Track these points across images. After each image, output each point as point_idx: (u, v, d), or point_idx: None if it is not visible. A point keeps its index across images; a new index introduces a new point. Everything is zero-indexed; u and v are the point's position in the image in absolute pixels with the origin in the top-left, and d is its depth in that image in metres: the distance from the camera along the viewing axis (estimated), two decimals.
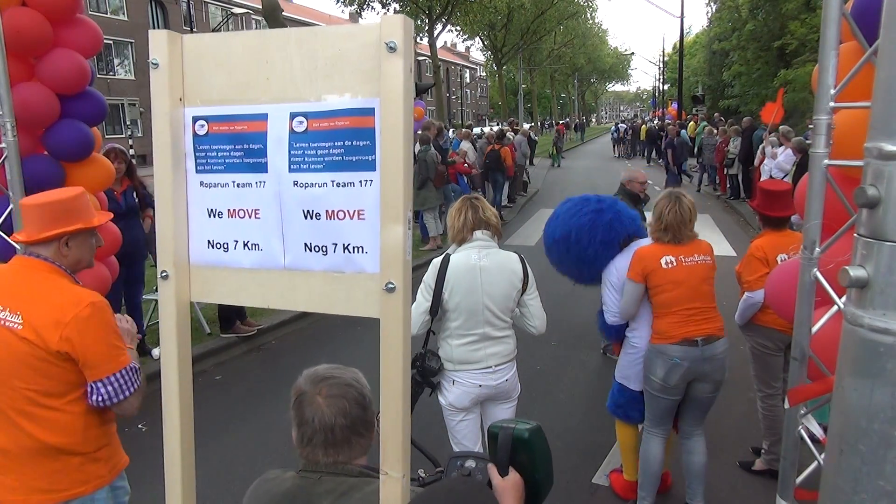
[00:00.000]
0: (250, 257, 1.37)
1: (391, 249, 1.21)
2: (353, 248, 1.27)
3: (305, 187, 1.28)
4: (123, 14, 34.78)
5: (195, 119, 1.37)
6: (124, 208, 4.92)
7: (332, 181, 1.26)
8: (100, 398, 2.04)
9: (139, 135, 34.19)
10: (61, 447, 2.07)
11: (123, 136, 30.54)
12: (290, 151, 1.29)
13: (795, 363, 2.25)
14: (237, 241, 1.37)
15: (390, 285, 1.21)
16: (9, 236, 3.48)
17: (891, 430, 0.98)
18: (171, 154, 1.37)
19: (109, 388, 2.05)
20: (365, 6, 24.51)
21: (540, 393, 5.02)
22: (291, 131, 1.28)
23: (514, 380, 3.01)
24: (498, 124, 39.21)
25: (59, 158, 3.80)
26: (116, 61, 34.79)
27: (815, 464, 2.23)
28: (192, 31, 27.40)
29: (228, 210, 1.37)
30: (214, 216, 1.38)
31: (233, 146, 1.34)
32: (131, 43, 35.09)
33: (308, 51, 1.25)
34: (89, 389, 2.05)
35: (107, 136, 20.67)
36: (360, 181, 1.24)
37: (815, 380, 2.22)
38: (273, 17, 11.13)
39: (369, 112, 1.21)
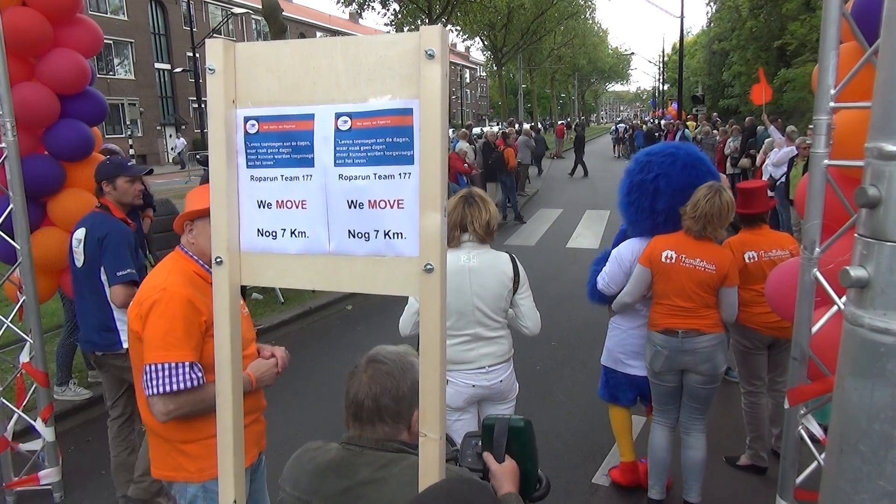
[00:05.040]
0: (297, 244, 1.49)
1: (430, 234, 1.33)
2: (394, 234, 1.39)
3: (350, 180, 1.40)
4: (123, 14, 34.75)
5: (246, 119, 1.49)
6: None
7: (375, 174, 1.37)
8: (143, 383, 2.01)
9: (139, 135, 34.20)
10: (148, 425, 2.18)
11: (123, 136, 30.53)
12: (335, 148, 1.40)
13: (795, 363, 2.25)
14: (285, 230, 1.49)
15: (429, 266, 1.34)
16: (9, 236, 3.49)
17: (891, 430, 0.98)
18: (224, 151, 1.49)
19: (145, 376, 1.99)
20: (365, 6, 24.45)
21: (540, 393, 5.02)
22: (337, 129, 1.40)
23: (510, 380, 2.99)
24: (497, 124, 39.20)
25: (59, 158, 3.79)
26: (116, 61, 34.77)
27: (814, 464, 2.24)
28: (192, 31, 27.47)
29: (277, 201, 1.49)
30: (264, 207, 1.51)
31: (281, 143, 1.46)
32: (131, 43, 35.08)
33: (352, 57, 1.37)
34: None
35: (107, 136, 20.67)
36: (400, 174, 1.36)
37: (815, 380, 2.22)
38: (273, 18, 11.11)
39: (408, 112, 1.33)
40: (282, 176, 1.47)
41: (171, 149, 32.71)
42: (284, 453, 1.69)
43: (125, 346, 3.16)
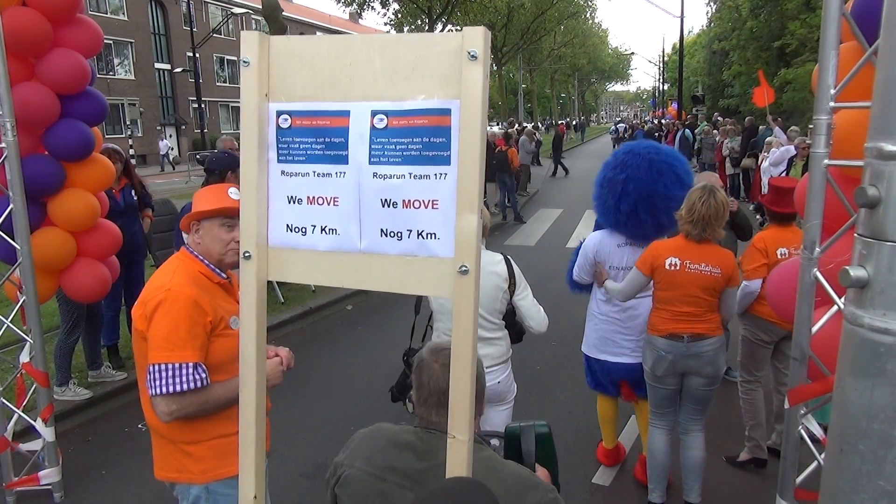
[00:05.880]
0: (327, 241, 1.47)
1: (465, 236, 1.32)
2: (427, 234, 1.37)
3: (384, 178, 1.38)
4: (123, 14, 34.75)
5: (279, 113, 1.47)
6: (122, 206, 4.91)
7: (410, 173, 1.36)
8: (147, 383, 2.00)
9: (139, 135, 34.19)
10: (152, 426, 2.17)
11: (123, 136, 30.53)
12: (370, 146, 1.39)
13: (795, 363, 2.25)
14: (315, 226, 1.48)
15: (464, 268, 1.32)
16: (9, 236, 3.48)
17: (891, 430, 0.98)
18: (256, 145, 1.47)
19: (149, 376, 1.98)
20: (365, 6, 24.46)
21: (540, 393, 5.02)
22: (373, 127, 1.38)
23: (508, 382, 2.99)
24: (498, 124, 39.21)
25: (59, 158, 3.79)
26: (116, 61, 34.75)
27: (814, 464, 2.23)
28: (192, 31, 27.46)
29: (308, 197, 1.47)
30: (294, 202, 1.49)
31: (314, 139, 1.44)
32: (131, 43, 35.07)
33: (390, 55, 1.35)
34: None
35: (107, 136, 20.66)
36: (436, 174, 1.34)
37: (815, 380, 2.22)
38: (273, 18, 11.11)
39: (446, 112, 1.32)
40: (314, 172, 1.46)
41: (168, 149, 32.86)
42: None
43: None
